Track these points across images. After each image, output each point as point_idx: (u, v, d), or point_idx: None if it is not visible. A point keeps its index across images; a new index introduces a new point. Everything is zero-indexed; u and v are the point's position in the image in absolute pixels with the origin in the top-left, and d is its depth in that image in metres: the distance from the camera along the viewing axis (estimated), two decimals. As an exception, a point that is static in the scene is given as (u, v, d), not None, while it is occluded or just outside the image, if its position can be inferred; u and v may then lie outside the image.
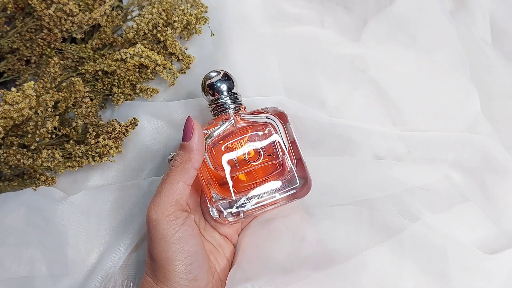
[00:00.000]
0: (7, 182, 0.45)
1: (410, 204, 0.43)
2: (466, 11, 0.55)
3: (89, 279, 0.43)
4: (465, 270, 0.40)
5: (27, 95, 0.41)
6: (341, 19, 0.55)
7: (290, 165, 0.42)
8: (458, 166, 0.47)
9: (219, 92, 0.41)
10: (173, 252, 0.36)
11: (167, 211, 0.37)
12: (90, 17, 0.47)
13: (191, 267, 0.37)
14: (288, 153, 0.42)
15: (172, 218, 0.37)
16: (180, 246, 0.36)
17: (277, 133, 0.42)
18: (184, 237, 0.37)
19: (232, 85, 0.42)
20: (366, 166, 0.46)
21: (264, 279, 0.39)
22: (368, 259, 0.39)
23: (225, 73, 0.42)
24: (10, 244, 0.44)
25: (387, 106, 0.49)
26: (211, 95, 0.42)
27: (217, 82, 0.42)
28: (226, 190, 0.41)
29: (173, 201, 0.37)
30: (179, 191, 0.37)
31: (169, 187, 0.37)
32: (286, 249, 0.41)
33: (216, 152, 0.41)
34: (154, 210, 0.37)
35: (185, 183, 0.38)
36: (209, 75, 0.42)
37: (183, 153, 0.38)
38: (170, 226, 0.36)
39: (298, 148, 0.42)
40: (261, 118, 0.42)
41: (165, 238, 0.36)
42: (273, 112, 0.42)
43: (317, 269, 0.39)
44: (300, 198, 0.42)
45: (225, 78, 0.42)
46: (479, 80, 0.51)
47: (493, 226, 0.45)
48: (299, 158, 0.42)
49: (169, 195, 0.37)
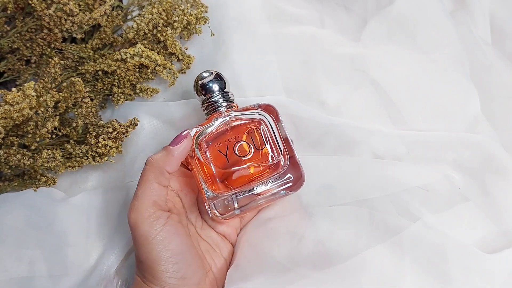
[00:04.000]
0: (8, 182, 0.46)
1: (410, 204, 0.43)
2: (466, 11, 0.55)
3: (88, 280, 0.43)
4: (465, 270, 0.40)
5: (27, 95, 0.41)
6: (341, 19, 0.54)
7: (283, 159, 0.42)
8: (458, 166, 0.47)
9: (211, 92, 0.42)
10: (158, 253, 0.36)
11: (146, 213, 0.37)
12: (90, 17, 0.47)
13: (178, 266, 0.37)
14: (281, 148, 0.42)
15: (153, 219, 0.37)
16: (164, 246, 0.37)
17: (269, 129, 0.42)
18: (168, 237, 0.37)
19: (224, 85, 0.42)
20: (366, 166, 0.46)
21: (263, 278, 0.39)
22: (368, 259, 0.39)
23: (217, 73, 0.43)
24: (10, 245, 0.44)
25: (387, 106, 0.49)
26: (203, 95, 0.42)
27: (209, 83, 0.42)
28: (220, 187, 0.42)
29: (150, 202, 0.37)
30: (155, 192, 0.38)
31: (144, 189, 0.38)
32: (285, 249, 0.41)
33: (208, 150, 0.42)
34: (133, 214, 0.37)
35: (159, 183, 0.38)
36: (202, 75, 0.43)
37: (161, 154, 0.39)
38: (152, 227, 0.37)
39: (290, 142, 0.42)
40: (252, 114, 0.42)
41: (147, 240, 0.36)
42: (265, 108, 0.43)
43: (316, 269, 0.39)
44: (294, 191, 0.42)
45: (217, 79, 0.42)
46: (479, 80, 0.51)
47: (493, 226, 0.44)
48: (292, 151, 0.42)
49: (145, 197, 0.37)
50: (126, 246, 0.45)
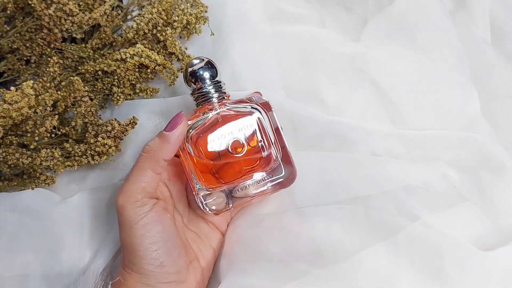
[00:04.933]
0: (7, 181, 0.45)
1: (407, 202, 0.43)
2: (466, 11, 0.55)
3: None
4: (462, 268, 0.40)
5: (26, 94, 0.41)
6: (341, 19, 0.55)
7: (276, 154, 0.41)
8: (456, 165, 0.47)
9: (202, 80, 0.40)
10: (138, 238, 0.37)
11: (133, 198, 0.37)
12: (90, 17, 0.47)
13: (157, 253, 0.37)
14: (273, 143, 0.41)
15: (139, 205, 0.37)
16: (145, 232, 0.37)
17: (262, 123, 0.41)
18: (149, 223, 0.37)
19: (215, 73, 0.41)
20: (362, 163, 0.46)
21: (260, 275, 0.39)
22: (364, 258, 0.39)
23: (208, 60, 0.41)
24: (3, 246, 0.43)
25: (386, 106, 0.49)
26: (193, 83, 0.41)
27: (200, 70, 0.40)
28: (210, 181, 0.41)
29: (140, 188, 0.37)
30: (147, 179, 0.38)
31: (137, 175, 0.38)
32: (281, 246, 0.41)
33: (199, 142, 0.40)
34: (121, 197, 0.37)
35: (153, 171, 0.38)
36: (191, 63, 0.41)
37: (158, 141, 0.38)
38: (136, 213, 0.37)
39: (282, 136, 0.41)
40: (245, 107, 0.41)
41: (129, 224, 0.37)
42: (258, 101, 0.41)
43: (312, 267, 0.39)
44: (286, 187, 0.42)
45: (208, 66, 0.41)
46: (479, 80, 0.51)
47: (490, 224, 0.44)
48: (283, 146, 0.42)
49: (137, 182, 0.37)
50: (113, 247, 0.45)
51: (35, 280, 0.43)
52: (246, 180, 0.41)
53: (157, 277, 0.37)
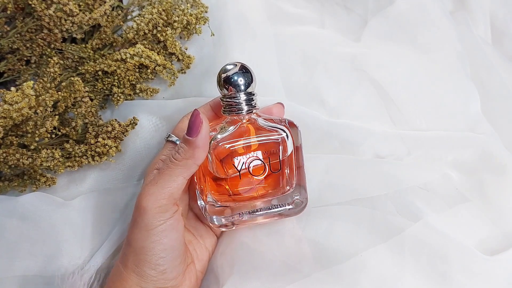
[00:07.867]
0: (7, 182, 0.45)
1: (410, 203, 0.43)
2: (466, 11, 0.55)
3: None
4: (466, 272, 0.40)
5: (26, 95, 0.41)
6: (341, 19, 0.55)
7: (293, 183, 0.40)
8: (459, 165, 0.47)
9: (234, 87, 0.38)
10: (151, 243, 0.36)
11: (158, 203, 0.36)
12: (90, 17, 0.47)
13: (164, 260, 0.37)
14: (294, 172, 0.40)
15: (162, 210, 0.36)
16: (160, 238, 0.36)
17: (286, 148, 0.39)
18: (167, 230, 0.36)
19: (250, 79, 0.39)
20: (366, 165, 0.46)
21: (263, 278, 0.39)
22: (367, 259, 0.39)
23: (242, 65, 0.39)
24: (2, 251, 0.43)
25: (387, 106, 0.49)
26: (226, 89, 0.39)
27: (234, 76, 0.38)
28: (220, 192, 0.40)
29: (167, 193, 0.36)
30: (176, 185, 0.37)
31: (167, 179, 0.37)
32: (284, 248, 0.41)
33: (219, 155, 0.39)
34: (146, 199, 0.36)
35: (184, 178, 0.37)
36: (225, 68, 0.39)
37: (187, 149, 0.37)
38: (157, 218, 0.36)
39: (301, 155, 0.40)
40: (274, 128, 0.39)
41: (147, 228, 0.36)
42: (288, 124, 0.40)
43: (315, 269, 0.39)
44: (296, 214, 0.41)
45: (242, 71, 0.39)
46: (479, 80, 0.51)
47: (493, 226, 0.44)
48: (299, 166, 0.41)
49: (166, 187, 0.36)
50: (109, 248, 0.44)
51: (35, 281, 0.43)
52: (257, 204, 0.40)
53: (156, 282, 0.37)
